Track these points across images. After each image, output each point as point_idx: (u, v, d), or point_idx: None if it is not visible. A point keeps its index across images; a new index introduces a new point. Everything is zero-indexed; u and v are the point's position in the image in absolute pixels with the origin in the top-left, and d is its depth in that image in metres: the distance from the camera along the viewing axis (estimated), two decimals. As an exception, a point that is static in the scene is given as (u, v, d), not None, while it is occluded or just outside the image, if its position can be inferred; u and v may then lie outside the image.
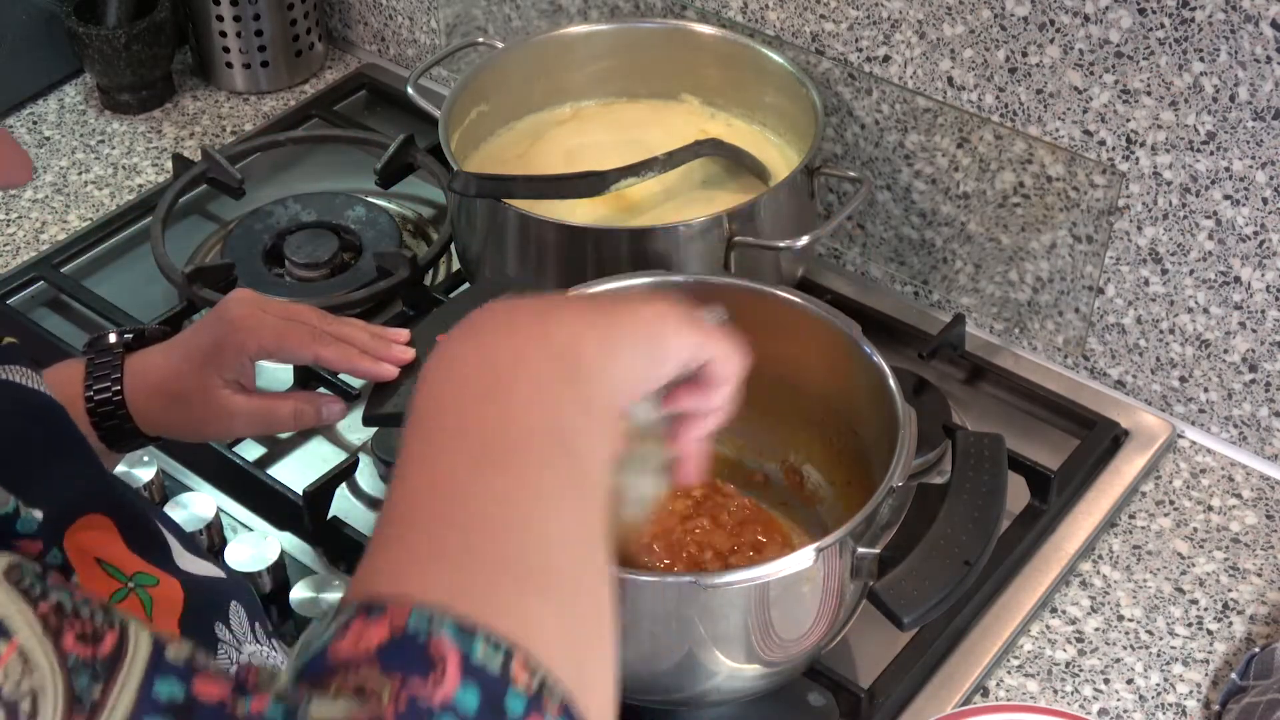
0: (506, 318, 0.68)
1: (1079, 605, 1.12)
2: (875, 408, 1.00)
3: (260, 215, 1.40)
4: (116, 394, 0.97)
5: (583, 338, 0.68)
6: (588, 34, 1.35)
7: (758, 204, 1.18)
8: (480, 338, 0.66)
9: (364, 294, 1.31)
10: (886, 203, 1.32)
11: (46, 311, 1.36)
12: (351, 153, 1.51)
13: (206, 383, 0.97)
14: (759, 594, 0.91)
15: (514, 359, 0.65)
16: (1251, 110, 1.08)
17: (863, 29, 1.25)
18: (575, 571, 0.60)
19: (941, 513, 0.92)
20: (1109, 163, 1.17)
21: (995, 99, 1.21)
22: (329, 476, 1.14)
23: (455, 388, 0.64)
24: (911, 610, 0.88)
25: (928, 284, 1.34)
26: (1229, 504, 1.19)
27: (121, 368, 0.97)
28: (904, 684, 1.04)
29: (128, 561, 0.77)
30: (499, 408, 0.63)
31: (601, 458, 0.65)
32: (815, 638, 0.96)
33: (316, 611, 1.06)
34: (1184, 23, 1.08)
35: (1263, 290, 1.15)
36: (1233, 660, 1.08)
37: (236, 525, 1.16)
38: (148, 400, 0.97)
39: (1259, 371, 1.18)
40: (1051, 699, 1.06)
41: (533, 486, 0.61)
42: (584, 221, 1.21)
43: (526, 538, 0.59)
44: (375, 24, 1.65)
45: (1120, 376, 1.26)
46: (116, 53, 1.53)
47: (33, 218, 1.46)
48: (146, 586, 0.76)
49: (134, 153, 1.54)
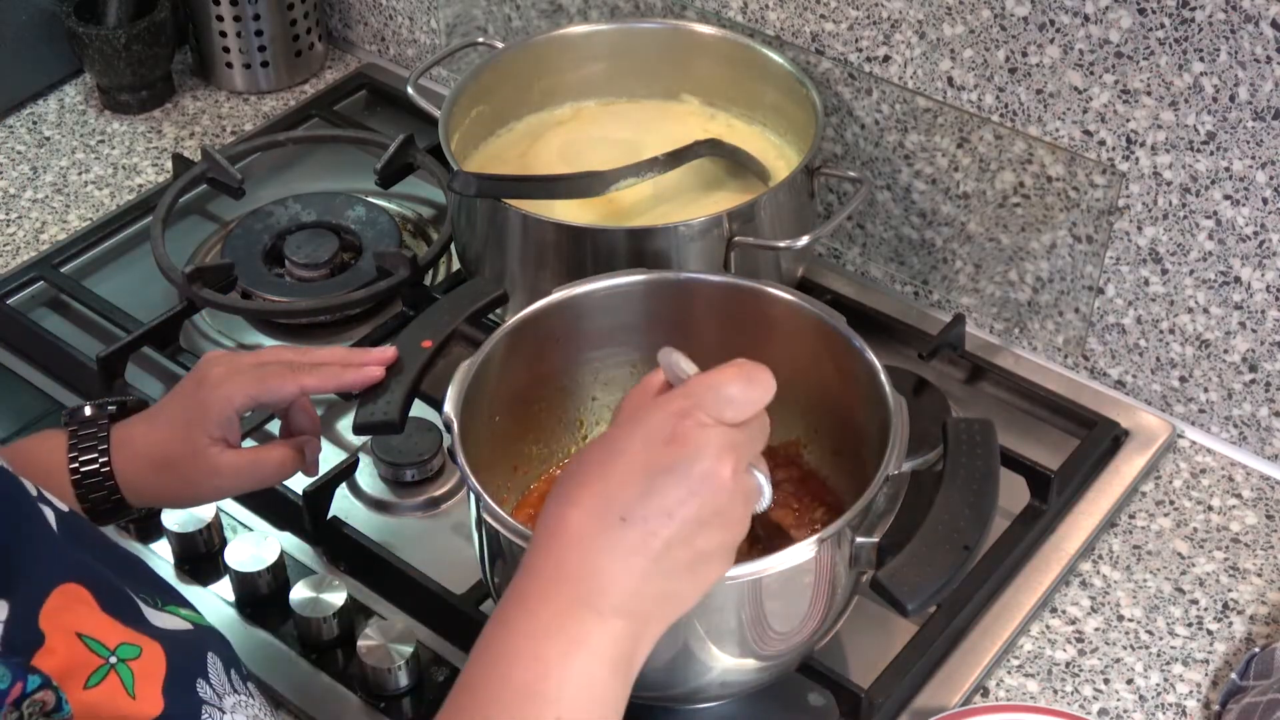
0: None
1: (1079, 605, 1.12)
2: (866, 399, 1.00)
3: (260, 215, 1.40)
4: (104, 465, 0.97)
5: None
6: (588, 34, 1.35)
7: (758, 204, 1.18)
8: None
9: (364, 294, 1.31)
10: (886, 203, 1.32)
11: (46, 311, 1.36)
12: (351, 153, 1.51)
13: (194, 444, 0.98)
14: (758, 587, 0.91)
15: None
16: (1251, 110, 1.08)
17: (863, 29, 1.25)
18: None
19: (937, 499, 0.92)
20: (1109, 163, 1.17)
21: (995, 99, 1.21)
22: (329, 476, 1.14)
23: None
24: (915, 597, 0.88)
25: (928, 284, 1.34)
26: (1229, 504, 1.19)
27: (108, 439, 0.98)
28: (904, 684, 1.04)
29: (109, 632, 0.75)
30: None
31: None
32: (812, 629, 0.96)
33: (316, 611, 1.06)
34: (1184, 23, 1.08)
35: (1263, 290, 1.15)
36: (1233, 660, 1.08)
37: (236, 525, 1.16)
38: (135, 469, 0.98)
39: (1259, 371, 1.18)
40: (1051, 699, 1.06)
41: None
42: (584, 221, 1.21)
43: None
44: (375, 24, 1.65)
45: (1120, 376, 1.26)
46: (116, 53, 1.53)
47: (33, 218, 1.46)
48: (129, 660, 0.75)
49: (134, 153, 1.54)
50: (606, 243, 1.16)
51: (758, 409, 0.79)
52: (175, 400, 1.00)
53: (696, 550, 0.77)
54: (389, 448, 1.19)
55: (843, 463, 1.08)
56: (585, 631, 0.75)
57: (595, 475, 0.77)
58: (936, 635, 1.06)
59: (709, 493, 0.76)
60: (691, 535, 0.76)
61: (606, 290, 1.07)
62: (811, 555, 0.91)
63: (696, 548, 0.77)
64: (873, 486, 0.93)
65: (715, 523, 0.77)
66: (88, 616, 0.75)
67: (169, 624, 0.80)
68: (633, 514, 0.75)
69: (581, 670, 0.74)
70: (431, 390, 1.04)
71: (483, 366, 1.01)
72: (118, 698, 0.74)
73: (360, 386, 1.00)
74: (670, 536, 0.76)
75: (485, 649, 0.76)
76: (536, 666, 0.74)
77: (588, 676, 0.75)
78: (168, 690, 0.76)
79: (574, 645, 0.74)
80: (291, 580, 1.09)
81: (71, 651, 0.73)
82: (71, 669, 0.73)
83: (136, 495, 0.98)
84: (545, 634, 0.75)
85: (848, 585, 0.97)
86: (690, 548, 0.76)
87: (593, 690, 0.75)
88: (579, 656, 0.74)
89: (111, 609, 0.77)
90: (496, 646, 0.76)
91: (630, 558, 0.75)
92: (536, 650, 0.74)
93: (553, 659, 0.74)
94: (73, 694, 0.72)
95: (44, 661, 0.71)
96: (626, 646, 0.76)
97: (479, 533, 0.96)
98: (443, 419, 0.98)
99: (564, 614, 0.75)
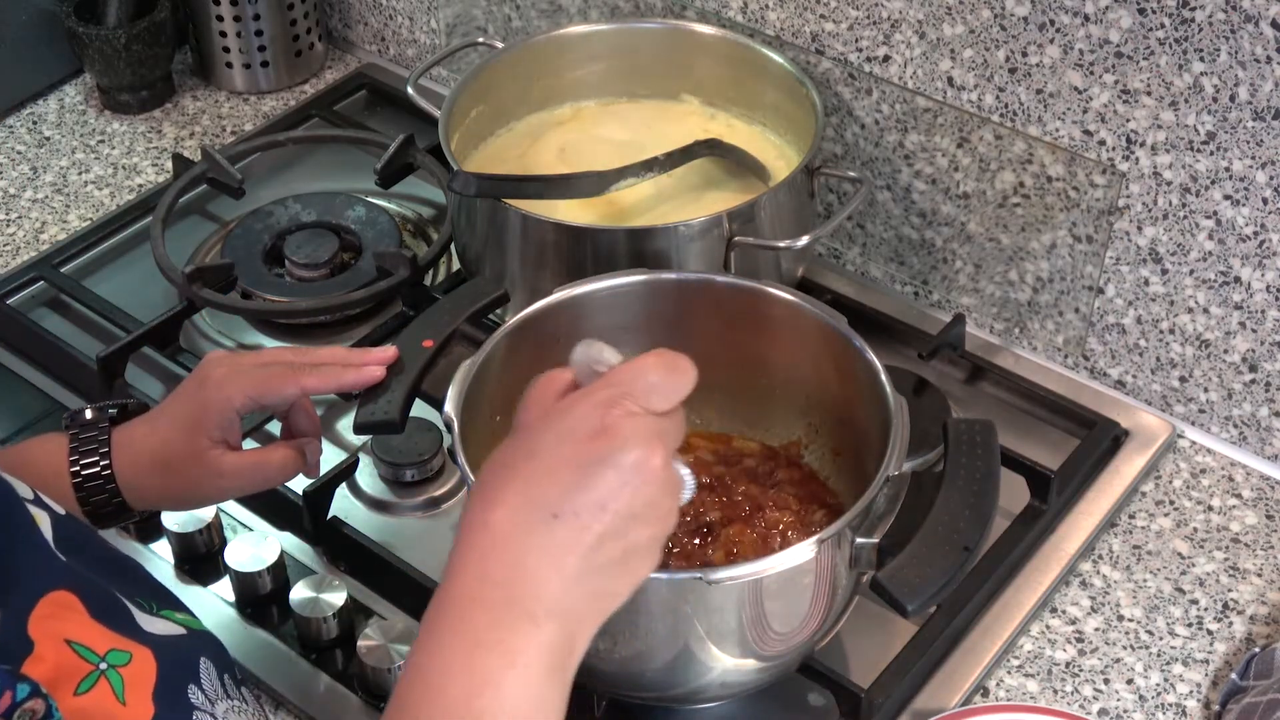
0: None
1: (1079, 605, 1.12)
2: (867, 399, 1.01)
3: (260, 215, 1.40)
4: (105, 468, 0.97)
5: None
6: (588, 34, 1.35)
7: (758, 204, 1.18)
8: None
9: (364, 294, 1.31)
10: (886, 203, 1.32)
11: (46, 311, 1.36)
12: (351, 153, 1.51)
13: (196, 446, 0.97)
14: (759, 587, 0.91)
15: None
16: (1251, 110, 1.08)
17: (863, 29, 1.25)
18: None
19: (938, 500, 0.92)
20: (1109, 163, 1.17)
21: (995, 99, 1.21)
22: (329, 476, 1.14)
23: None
24: (915, 598, 0.88)
25: (928, 284, 1.34)
26: (1229, 504, 1.19)
27: (109, 441, 0.97)
28: (904, 684, 1.04)
29: (98, 639, 0.75)
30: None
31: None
32: (812, 629, 0.96)
33: (316, 611, 1.06)
34: (1184, 23, 1.08)
35: (1263, 290, 1.15)
36: (1233, 660, 1.08)
37: (236, 525, 1.16)
38: (137, 472, 0.97)
39: (1259, 371, 1.18)
40: (1051, 699, 1.06)
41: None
42: (584, 221, 1.21)
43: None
44: (375, 24, 1.65)
45: (1120, 376, 1.26)
46: (116, 53, 1.53)
47: (33, 218, 1.46)
48: (119, 666, 0.75)
49: (134, 153, 1.54)
50: (606, 243, 1.16)
51: (681, 396, 0.76)
52: (176, 402, 1.00)
53: (628, 543, 0.75)
54: (389, 448, 1.18)
55: (843, 463, 1.09)
56: (519, 640, 0.72)
57: (518, 474, 0.74)
58: (936, 635, 1.06)
59: (641, 483, 0.74)
60: (624, 528, 0.74)
61: (607, 290, 1.07)
62: (811, 556, 0.91)
63: (628, 541, 0.74)
64: (873, 487, 0.93)
65: (646, 514, 0.75)
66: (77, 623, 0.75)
67: (162, 629, 0.80)
68: (563, 509, 0.73)
69: (518, 680, 0.72)
70: (432, 390, 1.04)
71: (483, 366, 1.01)
72: (108, 704, 0.73)
73: (361, 386, 1.00)
74: (603, 530, 0.73)
75: (417, 666, 0.74)
76: (472, 681, 0.72)
77: (525, 686, 0.72)
78: (158, 696, 0.76)
79: (509, 656, 0.72)
80: (291, 580, 1.09)
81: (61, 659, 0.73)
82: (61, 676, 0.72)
83: (138, 497, 0.98)
84: (478, 646, 0.72)
85: (848, 586, 0.97)
86: (622, 541, 0.74)
87: (531, 700, 0.73)
88: (515, 667, 0.72)
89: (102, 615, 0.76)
90: (429, 663, 0.73)
91: (562, 556, 0.73)
92: (470, 665, 0.72)
93: (488, 672, 0.72)
94: (63, 701, 0.72)
95: (33, 669, 0.71)
96: (562, 650, 0.74)
97: (479, 533, 0.96)
98: (443, 419, 0.98)
99: (496, 623, 0.73)
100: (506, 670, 0.72)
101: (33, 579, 0.74)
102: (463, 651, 0.72)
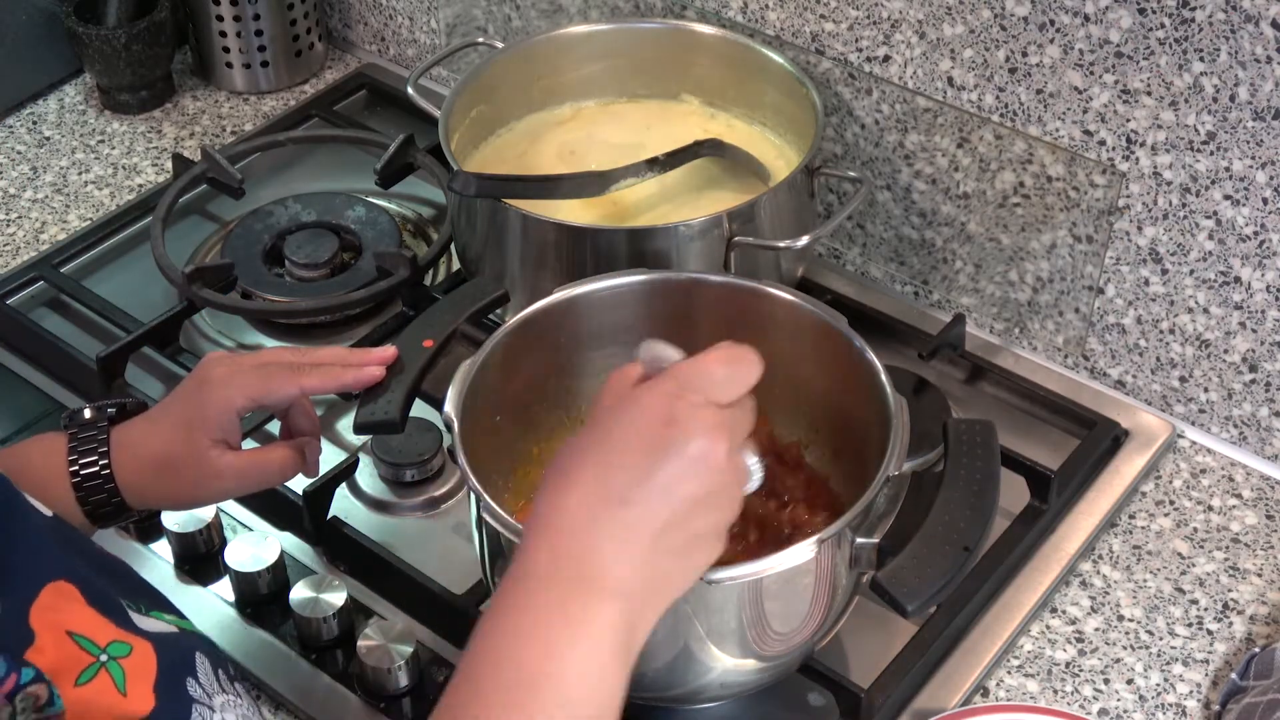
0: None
1: (1079, 605, 1.12)
2: (867, 399, 1.00)
3: (260, 215, 1.40)
4: (104, 467, 0.96)
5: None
6: (588, 34, 1.35)
7: (758, 204, 1.18)
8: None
9: (364, 294, 1.31)
10: (886, 203, 1.32)
11: (46, 311, 1.36)
12: (351, 153, 1.51)
13: (196, 446, 0.98)
14: (759, 587, 0.91)
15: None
16: (1251, 110, 1.08)
17: (863, 29, 1.25)
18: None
19: (938, 500, 0.92)
20: (1109, 163, 1.17)
21: (995, 99, 1.21)
22: (329, 476, 1.14)
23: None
24: (915, 598, 0.88)
25: (928, 284, 1.34)
26: (1229, 504, 1.19)
27: (108, 441, 0.97)
28: (904, 684, 1.04)
29: (100, 630, 0.75)
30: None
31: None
32: (812, 629, 0.96)
33: (316, 611, 1.06)
34: (1184, 23, 1.08)
35: (1263, 290, 1.15)
36: (1233, 660, 1.08)
37: (236, 525, 1.16)
38: (136, 472, 0.97)
39: (1259, 371, 1.18)
40: (1051, 699, 1.06)
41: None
42: (584, 221, 1.21)
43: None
44: (375, 24, 1.65)
45: (1120, 376, 1.26)
46: (116, 53, 1.53)
47: (33, 218, 1.46)
48: (120, 658, 0.75)
49: (134, 153, 1.54)
50: (607, 243, 1.16)
51: (746, 387, 0.80)
52: (176, 402, 1.00)
53: (692, 532, 0.77)
54: (389, 448, 1.18)
55: (843, 463, 1.08)
56: (588, 615, 0.75)
57: (590, 460, 0.77)
58: (936, 635, 1.06)
59: (705, 472, 0.76)
60: (688, 516, 0.77)
61: (607, 290, 1.07)
62: (812, 556, 0.91)
63: (692, 529, 0.77)
64: (873, 487, 0.93)
65: (710, 503, 0.77)
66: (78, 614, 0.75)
67: (155, 628, 0.80)
68: (631, 496, 0.76)
69: (585, 653, 0.75)
70: (432, 390, 1.04)
71: (483, 366, 1.01)
72: (109, 695, 0.74)
73: (360, 386, 1.00)
74: (669, 517, 0.76)
75: (487, 633, 0.76)
76: (541, 649, 0.74)
77: (591, 660, 0.75)
78: (159, 688, 0.76)
79: (578, 628, 0.75)
80: (291, 580, 1.09)
81: (62, 649, 0.73)
82: (62, 666, 0.73)
83: (137, 497, 0.98)
84: (549, 617, 0.75)
85: (848, 586, 0.97)
86: (686, 529, 0.77)
87: (596, 674, 0.75)
88: (583, 640, 0.75)
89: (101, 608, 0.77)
90: (499, 631, 0.76)
91: (630, 540, 0.76)
92: (540, 633, 0.74)
93: (557, 642, 0.74)
94: (64, 691, 0.72)
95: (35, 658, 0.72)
96: (626, 630, 0.76)
97: (479, 533, 0.96)
98: (443, 419, 0.98)
99: (566, 598, 0.75)
100: (575, 643, 0.74)
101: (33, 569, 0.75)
102: (533, 624, 0.75)
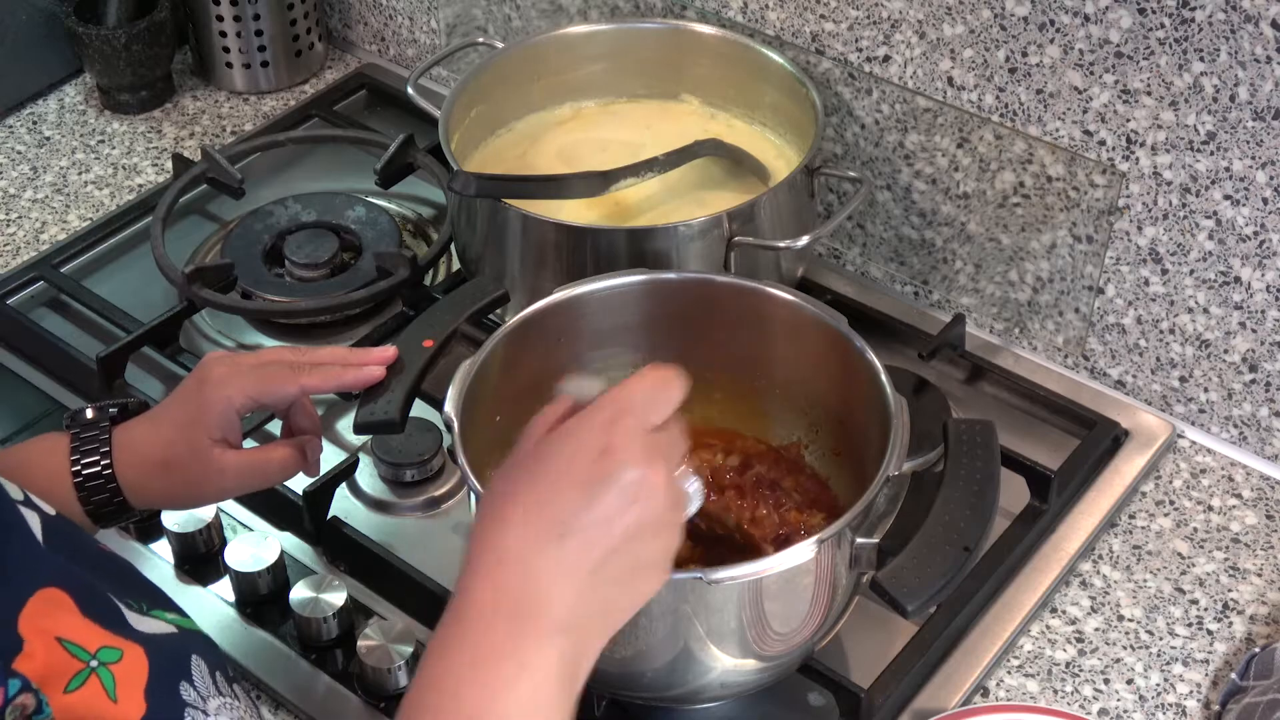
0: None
1: (1079, 605, 1.12)
2: (867, 399, 1.01)
3: (260, 215, 1.40)
4: (106, 467, 0.97)
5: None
6: (588, 34, 1.35)
7: (758, 204, 1.18)
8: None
9: (364, 294, 1.31)
10: (886, 203, 1.32)
11: (46, 311, 1.36)
12: (351, 153, 1.51)
13: (197, 445, 0.98)
14: (759, 587, 0.91)
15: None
16: (1251, 110, 1.08)
17: (863, 29, 1.25)
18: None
19: (938, 500, 0.92)
20: (1109, 163, 1.17)
21: (995, 99, 1.21)
22: (329, 476, 1.14)
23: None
24: (914, 598, 0.88)
25: (928, 284, 1.34)
26: (1229, 504, 1.19)
27: (110, 441, 0.97)
28: (904, 684, 1.04)
29: (89, 636, 0.75)
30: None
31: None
32: (812, 629, 0.96)
33: (316, 611, 1.06)
34: (1184, 23, 1.08)
35: (1263, 290, 1.15)
36: (1233, 660, 1.08)
37: (236, 525, 1.16)
38: (138, 472, 0.97)
39: (1259, 371, 1.18)
40: (1051, 699, 1.06)
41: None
42: (584, 221, 1.21)
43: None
44: (375, 24, 1.65)
45: (1120, 376, 1.26)
46: (116, 53, 1.53)
47: (33, 218, 1.46)
48: (110, 664, 0.75)
49: (134, 153, 1.54)
50: (607, 243, 1.16)
51: (675, 406, 0.79)
52: (176, 401, 1.00)
53: (634, 560, 0.77)
54: (389, 448, 1.19)
55: (843, 463, 1.09)
56: (531, 653, 0.75)
57: (526, 493, 0.77)
58: (936, 635, 1.06)
59: (645, 499, 0.76)
60: (629, 545, 0.76)
61: (607, 290, 1.07)
62: (811, 556, 0.91)
63: (634, 557, 0.77)
64: (873, 487, 0.93)
65: (650, 530, 0.77)
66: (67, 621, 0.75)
67: (153, 628, 0.80)
68: (571, 528, 0.75)
69: (529, 692, 0.74)
70: (432, 390, 1.04)
71: (483, 366, 1.01)
72: (99, 701, 0.73)
73: (361, 386, 1.00)
74: (610, 547, 0.76)
75: (430, 675, 0.76)
76: (484, 692, 0.74)
77: (536, 698, 0.74)
78: (150, 693, 0.76)
79: (521, 668, 0.74)
80: (291, 580, 1.09)
81: (51, 656, 0.73)
82: (51, 673, 0.72)
83: (139, 497, 0.98)
84: (491, 658, 0.74)
85: (848, 586, 0.97)
86: (627, 558, 0.77)
87: (542, 708, 0.75)
88: (526, 679, 0.74)
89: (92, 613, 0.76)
90: (442, 672, 0.75)
91: (571, 573, 0.75)
92: (484, 674, 0.74)
93: (500, 683, 0.74)
94: (53, 698, 0.72)
95: (23, 667, 0.71)
96: (571, 664, 0.76)
97: (479, 533, 0.96)
98: (443, 419, 0.98)
99: (508, 637, 0.75)
100: (519, 680, 0.74)
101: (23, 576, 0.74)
102: (476, 661, 0.74)
